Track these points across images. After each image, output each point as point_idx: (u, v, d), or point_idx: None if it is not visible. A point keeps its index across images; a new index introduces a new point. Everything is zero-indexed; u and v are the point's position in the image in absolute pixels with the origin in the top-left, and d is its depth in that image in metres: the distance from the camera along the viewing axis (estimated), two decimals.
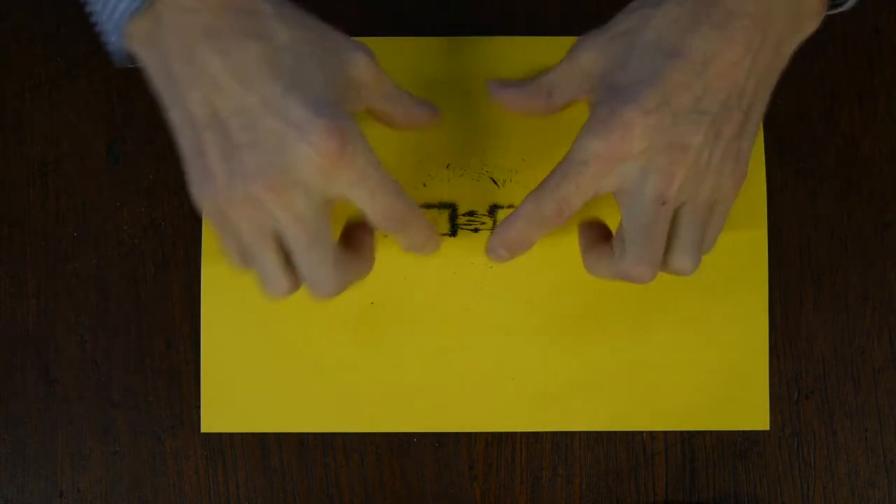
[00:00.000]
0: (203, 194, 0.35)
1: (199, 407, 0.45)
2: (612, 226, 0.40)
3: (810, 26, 0.36)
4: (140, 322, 0.45)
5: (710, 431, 0.45)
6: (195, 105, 0.33)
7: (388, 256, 0.44)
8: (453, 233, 0.45)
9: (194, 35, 0.33)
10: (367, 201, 0.35)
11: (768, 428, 0.45)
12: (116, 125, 0.45)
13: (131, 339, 0.45)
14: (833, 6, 0.36)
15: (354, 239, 0.39)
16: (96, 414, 0.45)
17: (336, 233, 0.37)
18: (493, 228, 0.45)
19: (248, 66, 0.33)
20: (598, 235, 0.40)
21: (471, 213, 0.45)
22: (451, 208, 0.45)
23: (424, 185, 0.45)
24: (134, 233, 0.45)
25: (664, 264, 0.37)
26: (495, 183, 0.45)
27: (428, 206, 0.45)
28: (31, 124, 0.45)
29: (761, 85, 0.35)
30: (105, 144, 0.45)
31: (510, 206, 0.45)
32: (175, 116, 0.35)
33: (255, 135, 0.33)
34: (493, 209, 0.45)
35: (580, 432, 0.45)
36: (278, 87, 0.33)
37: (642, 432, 0.45)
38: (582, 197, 0.36)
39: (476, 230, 0.45)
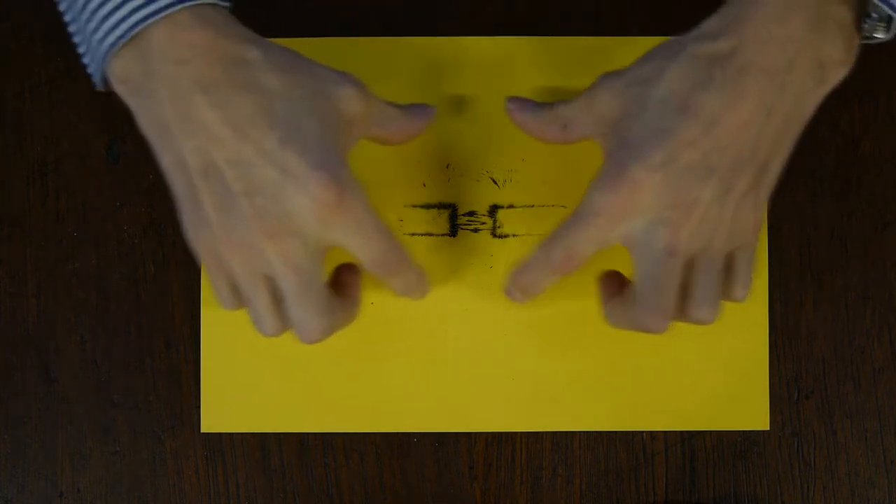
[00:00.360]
0: (199, 238, 0.36)
1: (199, 407, 0.45)
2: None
3: (835, 76, 0.35)
4: (140, 322, 0.45)
5: (710, 431, 0.45)
6: (189, 154, 0.34)
7: None
8: (453, 233, 0.45)
9: (187, 86, 0.33)
10: (362, 248, 0.36)
11: (768, 428, 0.45)
12: (116, 125, 0.45)
13: (131, 339, 0.45)
14: (867, 38, 0.35)
15: (343, 284, 0.40)
16: (96, 414, 0.45)
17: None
18: (492, 228, 0.45)
19: (244, 117, 0.33)
20: (616, 287, 0.40)
21: (471, 213, 0.45)
22: (451, 208, 0.45)
23: (424, 185, 0.45)
24: (134, 233, 0.45)
25: (683, 314, 0.37)
26: (495, 183, 0.45)
27: (428, 206, 0.45)
28: (31, 124, 0.45)
29: (779, 139, 0.35)
30: (105, 144, 0.45)
31: (510, 206, 0.45)
32: (167, 162, 0.35)
33: (252, 184, 0.33)
34: (493, 209, 0.45)
35: (580, 432, 0.45)
36: (275, 137, 0.33)
37: (642, 432, 0.45)
38: (590, 247, 0.37)
39: (476, 230, 0.45)
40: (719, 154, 0.34)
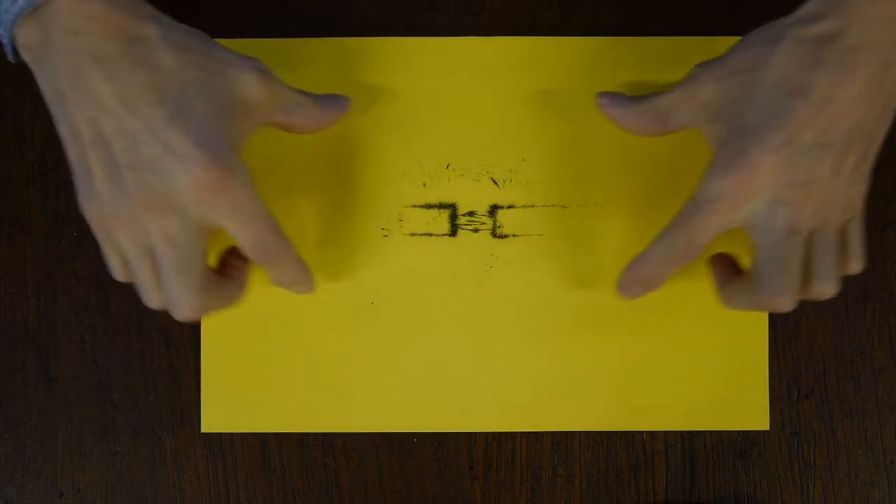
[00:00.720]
0: (89, 208, 0.36)
1: (199, 407, 0.45)
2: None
3: None
4: (140, 322, 0.45)
5: (710, 431, 0.45)
6: (82, 124, 0.35)
7: (388, 256, 0.44)
8: (453, 233, 0.45)
9: (82, 58, 0.34)
10: (240, 232, 0.36)
11: (768, 428, 0.45)
12: None
13: (131, 339, 0.45)
14: None
15: (229, 266, 0.40)
16: (96, 414, 0.45)
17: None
18: (492, 228, 0.45)
19: (134, 92, 0.34)
20: (730, 269, 0.41)
21: (471, 213, 0.45)
22: (451, 208, 0.45)
23: (424, 185, 0.45)
24: None
25: (806, 291, 0.37)
26: (495, 183, 0.45)
27: (428, 206, 0.45)
28: (31, 124, 0.45)
29: (884, 112, 0.36)
30: None
31: (510, 206, 0.45)
32: (63, 131, 0.36)
33: (138, 158, 0.34)
34: (493, 209, 0.45)
35: (580, 432, 0.45)
36: (162, 114, 0.34)
37: (642, 432, 0.45)
38: (712, 233, 0.37)
39: (476, 230, 0.45)
40: (833, 131, 0.35)
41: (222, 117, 0.36)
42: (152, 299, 0.37)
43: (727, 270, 0.41)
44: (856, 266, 0.39)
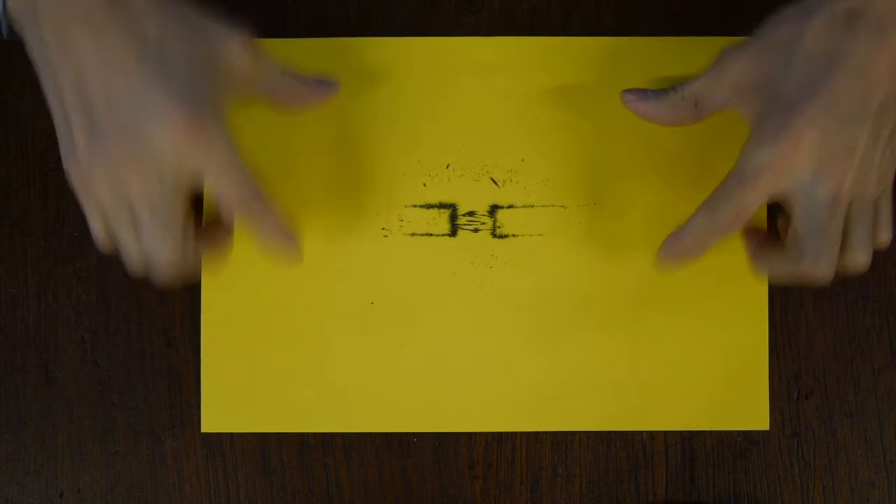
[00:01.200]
0: (71, 169, 0.37)
1: (199, 407, 0.45)
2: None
3: None
4: (140, 322, 0.45)
5: (710, 431, 0.45)
6: (66, 84, 0.35)
7: (388, 256, 0.44)
8: (453, 233, 0.45)
9: (67, 19, 0.35)
10: (219, 183, 0.37)
11: (768, 428, 0.45)
12: None
13: (131, 339, 0.45)
14: None
15: (211, 228, 0.40)
16: (96, 414, 0.45)
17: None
18: (492, 228, 0.45)
19: (116, 52, 0.35)
20: (764, 240, 0.41)
21: (471, 213, 0.45)
22: (451, 208, 0.45)
23: (424, 185, 0.45)
24: None
25: (841, 263, 0.38)
26: (495, 183, 0.45)
27: (428, 206, 0.45)
28: (31, 124, 0.45)
29: None
30: None
31: (510, 206, 0.45)
32: (49, 92, 0.37)
33: (117, 116, 0.35)
34: (493, 209, 0.45)
35: (580, 432, 0.45)
36: (142, 74, 0.35)
37: (642, 432, 0.45)
38: (756, 205, 0.38)
39: (476, 230, 0.45)
40: (870, 100, 0.36)
41: (202, 80, 0.36)
42: (133, 261, 0.38)
43: (762, 241, 0.41)
44: (885, 238, 0.39)
